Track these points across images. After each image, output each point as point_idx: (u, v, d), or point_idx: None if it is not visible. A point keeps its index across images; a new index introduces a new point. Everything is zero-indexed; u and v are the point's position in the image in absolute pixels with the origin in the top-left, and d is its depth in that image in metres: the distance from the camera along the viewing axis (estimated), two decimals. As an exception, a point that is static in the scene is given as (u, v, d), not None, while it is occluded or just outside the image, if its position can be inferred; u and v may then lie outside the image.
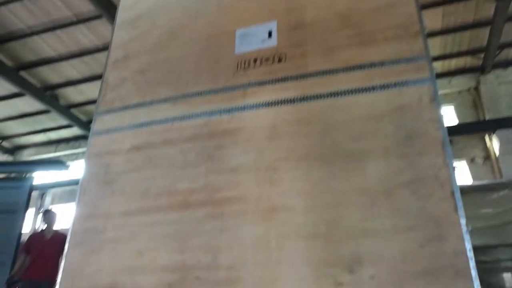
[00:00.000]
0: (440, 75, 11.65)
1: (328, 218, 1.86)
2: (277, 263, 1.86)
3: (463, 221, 1.67)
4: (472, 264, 1.59)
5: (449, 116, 12.05)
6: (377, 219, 1.80)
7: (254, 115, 2.23)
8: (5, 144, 15.49)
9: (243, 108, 2.27)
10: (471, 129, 11.09)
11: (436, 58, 11.13)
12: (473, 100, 12.00)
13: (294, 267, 1.82)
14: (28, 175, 5.85)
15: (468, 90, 12.09)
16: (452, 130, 10.06)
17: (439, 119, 1.89)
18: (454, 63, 11.67)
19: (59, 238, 5.57)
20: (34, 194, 14.37)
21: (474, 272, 1.58)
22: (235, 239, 1.97)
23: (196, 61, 2.56)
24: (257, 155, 2.11)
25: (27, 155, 15.43)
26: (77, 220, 2.33)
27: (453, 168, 1.78)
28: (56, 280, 2.28)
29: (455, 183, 1.75)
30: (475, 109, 11.89)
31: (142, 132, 2.40)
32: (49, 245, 5.45)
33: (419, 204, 1.76)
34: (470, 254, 1.61)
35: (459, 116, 11.96)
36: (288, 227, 1.91)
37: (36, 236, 5.93)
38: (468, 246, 1.62)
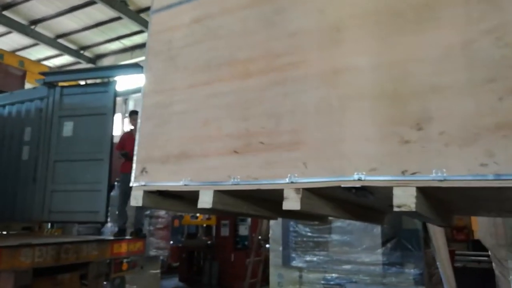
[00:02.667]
0: None
1: (395, 75, 1.73)
2: (340, 124, 1.81)
3: (555, 67, 1.45)
4: (562, 113, 1.41)
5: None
6: (452, 73, 1.63)
7: (315, -27, 2.03)
8: (87, 53, 16.42)
9: (303, -33, 2.07)
10: None
11: None
12: None
13: (358, 127, 1.76)
14: (111, 80, 6.16)
15: None
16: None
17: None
18: None
19: None
20: (119, 100, 15.46)
21: None
22: (297, 104, 1.94)
23: None
24: (319, 16, 1.96)
25: (106, 63, 16.31)
26: (146, 96, 2.43)
27: (550, 8, 1.51)
28: None
29: (551, 25, 1.49)
30: None
31: (200, 3, 2.33)
32: None
33: (502, 53, 1.55)
34: (561, 103, 1.42)
35: None
36: (351, 88, 1.81)
37: (126, 135, 6.48)
38: (560, 94, 1.43)
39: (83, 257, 4.35)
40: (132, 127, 6.50)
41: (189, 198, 2.31)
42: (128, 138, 6.20)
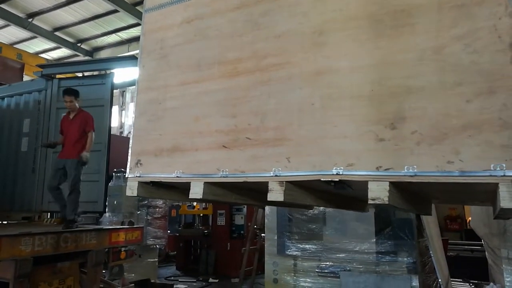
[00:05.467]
0: None
1: (373, 77, 1.85)
2: (321, 123, 1.93)
3: (517, 72, 1.57)
4: (522, 115, 1.53)
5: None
6: (424, 76, 1.75)
7: (300, -23, 2.14)
8: (84, 46, 16.43)
9: (290, -29, 2.17)
10: None
11: None
12: None
13: (337, 125, 1.88)
14: (108, 72, 6.19)
15: None
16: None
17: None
18: None
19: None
20: (116, 92, 15.44)
21: (522, 124, 1.53)
22: (281, 103, 2.05)
23: None
24: (303, 19, 2.07)
25: (103, 56, 16.32)
26: (140, 92, 2.54)
27: (515, 17, 1.63)
28: None
29: (515, 33, 1.61)
30: None
31: (191, 4, 2.43)
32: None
33: (471, 58, 1.67)
34: (521, 105, 1.54)
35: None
36: (332, 88, 1.93)
37: (63, 118, 5.57)
38: (520, 98, 1.55)
39: (82, 245, 4.45)
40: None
41: (181, 188, 2.44)
42: (63, 121, 5.47)
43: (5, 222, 6.05)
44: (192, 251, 10.84)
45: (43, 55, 15.43)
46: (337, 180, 1.84)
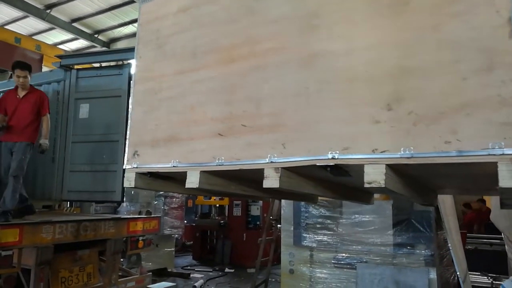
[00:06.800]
0: None
1: (369, 58, 1.80)
2: (316, 107, 1.89)
3: (517, 47, 1.51)
4: (521, 90, 1.47)
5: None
6: (421, 55, 1.70)
7: (295, -39, 2.09)
8: (101, 37, 16.56)
9: (284, -45, 2.13)
10: None
11: None
12: None
13: (333, 109, 1.84)
14: (125, 62, 6.19)
15: None
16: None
17: None
18: None
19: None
20: (133, 83, 15.53)
21: (521, 99, 1.47)
22: (276, 88, 2.02)
23: None
24: (298, 3, 2.03)
25: (120, 47, 16.41)
26: (137, 83, 2.53)
27: (514, -9, 1.56)
28: None
29: (514, 7, 1.55)
30: None
31: (186, -8, 2.41)
32: None
33: (470, 35, 1.61)
34: (520, 81, 1.48)
35: None
36: (327, 72, 1.89)
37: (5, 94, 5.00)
38: (520, 72, 1.49)
39: (100, 234, 4.55)
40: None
41: (179, 179, 2.42)
42: (8, 98, 4.89)
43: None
44: (208, 241, 10.94)
45: (61, 46, 15.52)
46: (333, 164, 1.79)
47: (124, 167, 2.46)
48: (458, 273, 4.17)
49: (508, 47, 1.53)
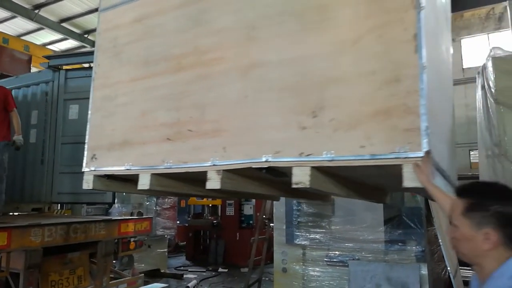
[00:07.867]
0: None
1: (298, 69, 1.95)
2: (253, 114, 2.04)
3: (421, 61, 1.68)
4: (422, 102, 1.64)
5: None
6: (343, 66, 1.86)
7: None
8: (91, 37, 16.35)
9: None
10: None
11: None
12: None
13: (267, 116, 2.00)
14: None
15: None
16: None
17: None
18: None
19: None
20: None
21: (423, 109, 1.63)
22: (219, 96, 2.17)
23: None
24: (238, 15, 2.18)
25: (110, 49, 16.32)
26: (95, 89, 2.66)
27: (421, 9, 1.73)
28: None
29: (420, 24, 1.71)
30: None
31: (140, 4, 2.54)
32: None
33: (383, 48, 1.78)
34: (423, 93, 1.65)
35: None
36: (263, 81, 2.04)
37: None
38: (422, 85, 1.65)
39: (91, 236, 4.48)
40: None
41: (135, 180, 2.56)
42: None
43: (15, 214, 6.05)
44: (202, 241, 11.02)
45: (50, 47, 15.35)
46: (266, 166, 1.95)
47: (83, 170, 2.59)
48: (449, 268, 4.23)
49: (413, 60, 1.69)
